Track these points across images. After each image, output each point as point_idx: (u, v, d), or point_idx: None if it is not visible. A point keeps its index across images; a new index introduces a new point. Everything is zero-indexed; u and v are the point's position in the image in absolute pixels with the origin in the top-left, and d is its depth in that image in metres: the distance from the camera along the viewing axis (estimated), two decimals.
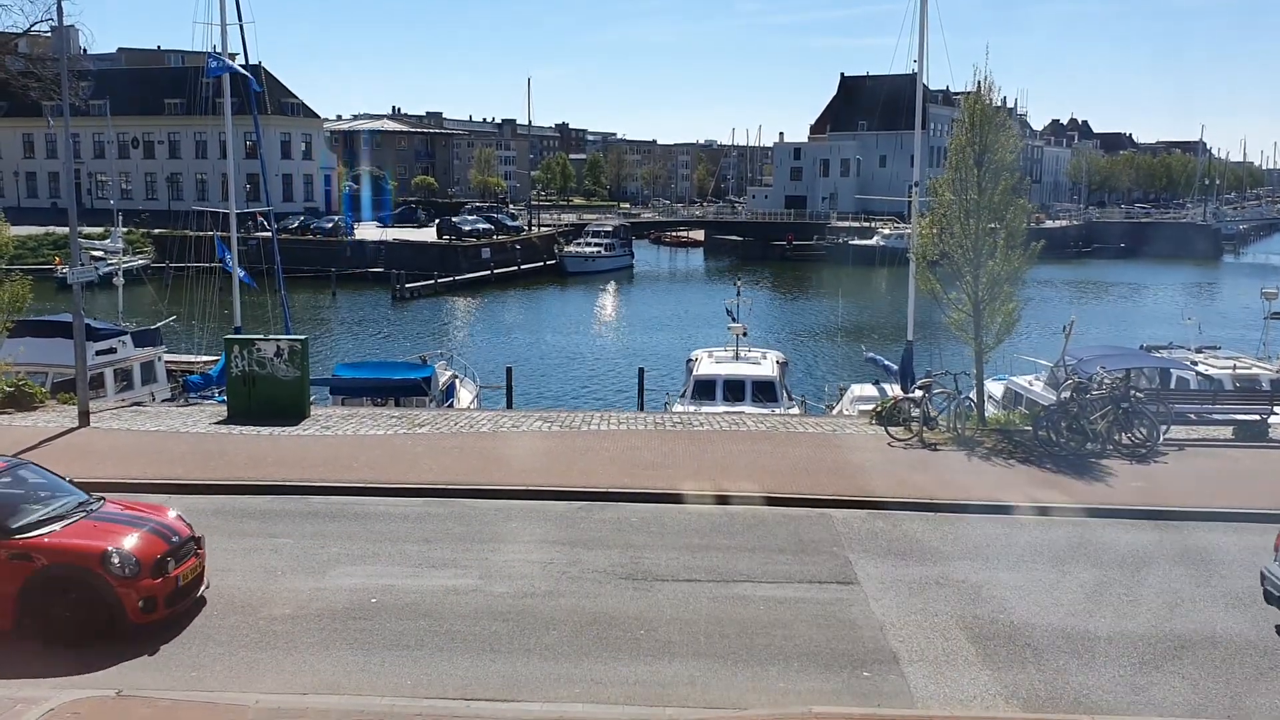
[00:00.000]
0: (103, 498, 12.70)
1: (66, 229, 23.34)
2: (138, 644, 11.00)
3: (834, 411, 28.84)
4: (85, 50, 64.71)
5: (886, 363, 32.21)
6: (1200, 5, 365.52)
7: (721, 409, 24.00)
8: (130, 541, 11.25)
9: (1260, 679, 10.65)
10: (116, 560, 10.94)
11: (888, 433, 20.36)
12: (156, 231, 77.24)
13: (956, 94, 61.84)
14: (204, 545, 12.29)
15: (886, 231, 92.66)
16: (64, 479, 12.88)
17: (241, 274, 31.66)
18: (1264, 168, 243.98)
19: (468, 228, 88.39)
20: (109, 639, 10.87)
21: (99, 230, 69.13)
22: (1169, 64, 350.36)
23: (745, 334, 29.13)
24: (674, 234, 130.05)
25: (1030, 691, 10.38)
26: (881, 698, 10.23)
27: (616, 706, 9.83)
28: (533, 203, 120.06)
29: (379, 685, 10.25)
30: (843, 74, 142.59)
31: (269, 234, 36.94)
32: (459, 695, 10.02)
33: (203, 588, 12.07)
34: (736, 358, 27.61)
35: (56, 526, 11.37)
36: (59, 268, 57.48)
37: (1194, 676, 10.68)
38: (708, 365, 26.91)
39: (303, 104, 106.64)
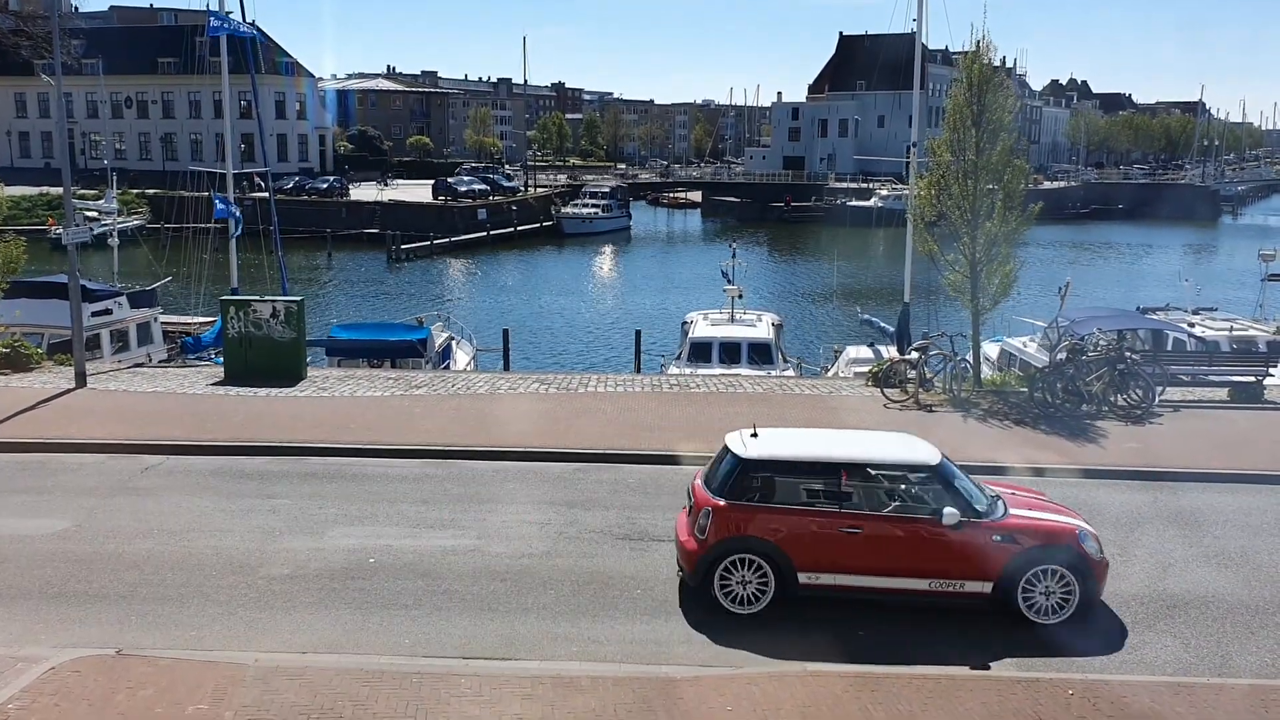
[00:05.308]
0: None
1: (60, 189, 23.22)
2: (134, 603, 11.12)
3: (830, 373, 28.85)
4: (76, 8, 64.18)
5: (883, 324, 32.21)
6: None
7: (718, 371, 24.01)
8: None
9: (1250, 637, 10.76)
10: None
11: (883, 394, 20.40)
12: (151, 192, 76.82)
13: (955, 54, 61.39)
14: None
15: (884, 192, 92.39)
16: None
17: (236, 215, 31.44)
18: (1263, 128, 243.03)
19: (464, 189, 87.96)
20: None
21: (93, 191, 68.72)
22: (1169, 22, 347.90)
23: (741, 296, 29.06)
24: (671, 195, 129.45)
25: (1025, 650, 10.48)
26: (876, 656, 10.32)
27: (613, 664, 9.91)
28: (529, 163, 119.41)
29: (377, 644, 10.34)
30: (841, 33, 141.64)
31: (265, 195, 36.73)
32: (457, 654, 10.10)
33: None
34: (732, 320, 27.58)
35: None
36: (53, 228, 57.21)
37: (1185, 635, 10.79)
38: (703, 327, 26.88)
39: (297, 63, 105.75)
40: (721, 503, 11.06)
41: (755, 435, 11.59)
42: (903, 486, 11.30)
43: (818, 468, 11.24)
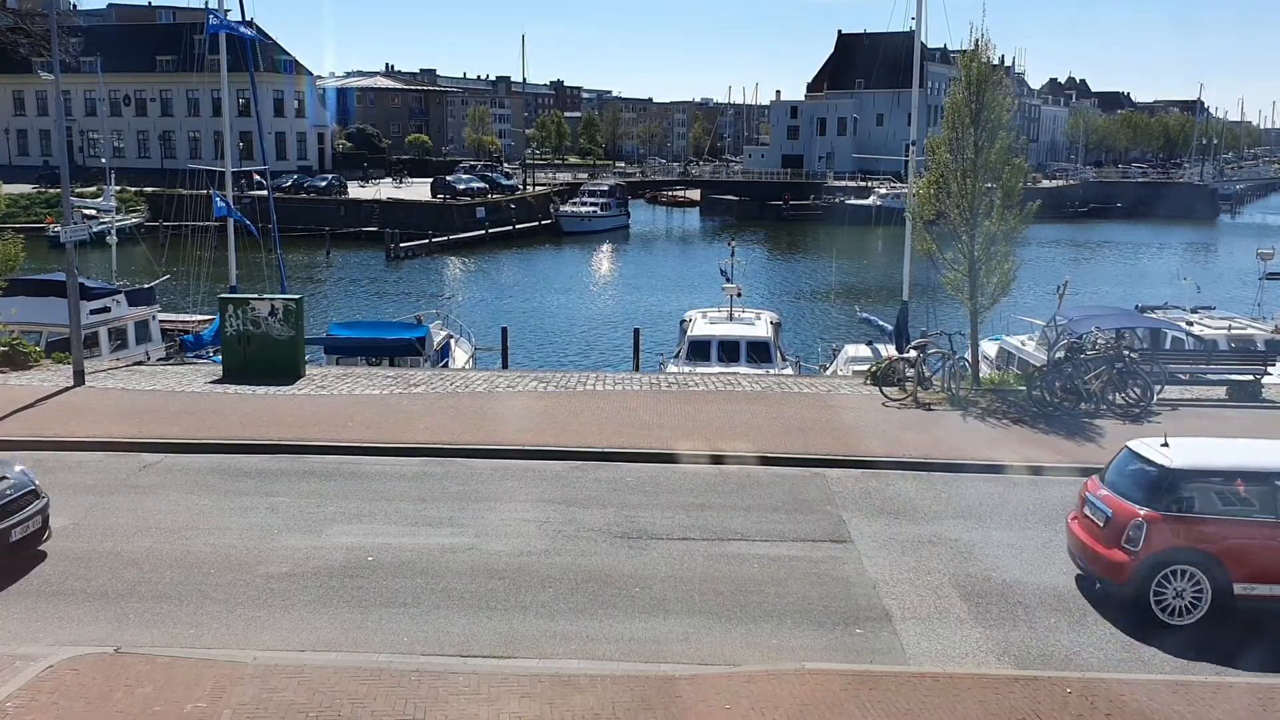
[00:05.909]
0: None
1: (58, 187, 23.21)
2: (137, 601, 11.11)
3: (828, 372, 28.85)
4: (75, 6, 64.06)
5: (881, 323, 32.20)
6: None
7: (716, 369, 24.00)
8: None
9: (1249, 634, 10.77)
10: None
11: (882, 393, 20.40)
12: (149, 190, 76.77)
13: (954, 52, 61.39)
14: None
15: (883, 191, 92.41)
16: None
17: (238, 216, 31.49)
18: (1262, 127, 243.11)
19: (462, 187, 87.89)
20: None
21: (92, 189, 68.64)
22: (1168, 22, 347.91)
23: (740, 294, 29.06)
24: (670, 193, 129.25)
25: (1022, 649, 10.49)
26: (874, 655, 10.33)
27: (611, 663, 9.92)
28: (528, 161, 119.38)
29: (376, 642, 10.33)
30: (840, 32, 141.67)
31: (264, 193, 36.70)
32: (456, 652, 10.10)
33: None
34: (731, 318, 27.57)
35: None
36: (51, 226, 57.11)
37: (1184, 634, 10.79)
38: (702, 326, 26.87)
39: (295, 61, 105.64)
40: (1154, 513, 11.00)
41: (1166, 444, 11.56)
42: None
43: (1252, 477, 11.21)
